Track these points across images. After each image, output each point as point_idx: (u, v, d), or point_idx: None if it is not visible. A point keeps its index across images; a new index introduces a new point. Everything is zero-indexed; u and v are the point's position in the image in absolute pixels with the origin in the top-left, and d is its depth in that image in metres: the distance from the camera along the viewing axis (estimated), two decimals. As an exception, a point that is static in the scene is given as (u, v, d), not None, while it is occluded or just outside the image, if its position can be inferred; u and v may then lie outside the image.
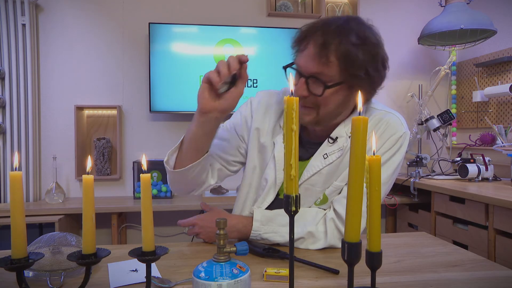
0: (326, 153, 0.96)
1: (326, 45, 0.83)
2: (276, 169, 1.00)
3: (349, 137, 0.96)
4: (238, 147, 1.07)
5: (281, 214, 0.97)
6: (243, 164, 1.10)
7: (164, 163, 0.97)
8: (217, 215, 0.99)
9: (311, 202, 1.00)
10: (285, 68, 0.92)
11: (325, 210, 0.99)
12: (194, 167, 0.94)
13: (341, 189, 0.98)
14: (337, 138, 0.97)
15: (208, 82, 0.82)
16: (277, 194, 1.02)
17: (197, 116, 0.88)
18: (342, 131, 0.97)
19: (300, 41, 0.89)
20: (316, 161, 0.97)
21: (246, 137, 1.07)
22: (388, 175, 0.95)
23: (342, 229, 0.92)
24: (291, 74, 0.59)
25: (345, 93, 0.89)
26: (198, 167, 0.95)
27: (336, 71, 0.84)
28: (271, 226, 0.95)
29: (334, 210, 0.95)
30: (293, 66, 0.91)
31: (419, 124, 2.56)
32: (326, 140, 0.98)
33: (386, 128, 0.95)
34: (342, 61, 0.83)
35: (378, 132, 0.96)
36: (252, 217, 0.97)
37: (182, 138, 0.96)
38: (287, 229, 0.93)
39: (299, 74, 0.89)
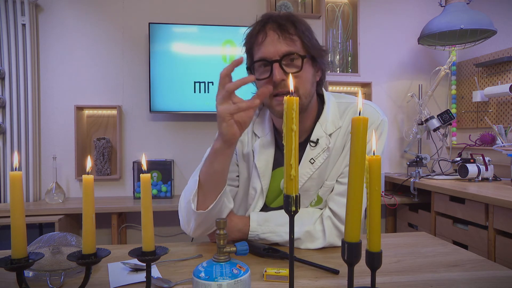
0: (312, 158, 0.97)
1: (284, 27, 0.89)
2: (259, 177, 1.00)
3: (329, 135, 0.97)
4: (235, 161, 1.07)
5: (277, 214, 0.97)
6: None
7: (193, 211, 0.88)
8: None
9: (307, 204, 1.01)
10: (250, 67, 0.95)
11: (321, 209, 0.99)
12: (221, 198, 0.89)
13: (333, 187, 0.99)
14: (318, 140, 0.97)
15: (234, 113, 0.80)
16: (265, 203, 1.03)
17: (224, 150, 0.85)
18: (320, 131, 0.98)
19: (255, 36, 0.92)
20: (305, 169, 0.97)
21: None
22: None
23: (340, 227, 0.93)
24: (291, 74, 0.59)
25: (311, 71, 0.94)
26: (223, 198, 0.90)
27: (300, 46, 0.91)
28: (269, 226, 0.95)
29: (330, 209, 0.96)
30: (257, 62, 0.92)
31: (419, 124, 2.56)
32: (308, 144, 0.98)
33: None
34: (302, 36, 0.90)
35: None
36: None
37: (197, 179, 0.88)
38: (284, 228, 0.94)
39: (269, 64, 0.89)
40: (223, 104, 0.79)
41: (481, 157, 2.18)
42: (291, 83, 0.55)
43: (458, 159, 2.27)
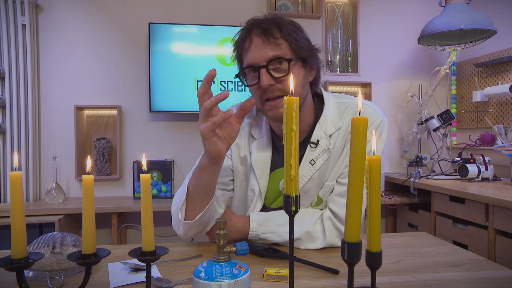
0: (312, 159, 0.97)
1: (269, 31, 0.88)
2: (257, 179, 1.00)
3: (329, 136, 0.97)
4: (229, 166, 1.06)
5: (278, 215, 0.97)
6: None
7: (180, 220, 0.89)
8: (223, 214, 1.00)
9: (307, 205, 1.01)
10: (238, 75, 0.95)
11: (321, 210, 0.99)
12: (210, 208, 0.90)
13: (333, 188, 0.99)
14: (318, 140, 0.97)
15: (214, 129, 0.78)
16: (264, 204, 1.03)
17: (210, 166, 0.84)
18: (320, 132, 0.97)
19: (242, 43, 0.92)
20: (305, 170, 0.97)
21: (229, 153, 1.06)
22: None
23: (340, 227, 0.93)
24: (292, 74, 0.59)
25: (302, 72, 0.93)
26: (211, 207, 0.91)
27: (287, 49, 0.89)
28: (269, 226, 0.95)
29: (330, 209, 0.96)
30: (246, 69, 0.92)
31: (419, 124, 2.56)
32: (308, 145, 0.98)
33: None
34: (288, 39, 0.89)
35: None
36: None
37: (186, 189, 0.89)
38: (284, 228, 0.94)
39: (256, 70, 0.89)
40: (203, 122, 0.77)
41: (481, 157, 2.18)
42: (291, 83, 0.55)
43: (458, 159, 2.27)
